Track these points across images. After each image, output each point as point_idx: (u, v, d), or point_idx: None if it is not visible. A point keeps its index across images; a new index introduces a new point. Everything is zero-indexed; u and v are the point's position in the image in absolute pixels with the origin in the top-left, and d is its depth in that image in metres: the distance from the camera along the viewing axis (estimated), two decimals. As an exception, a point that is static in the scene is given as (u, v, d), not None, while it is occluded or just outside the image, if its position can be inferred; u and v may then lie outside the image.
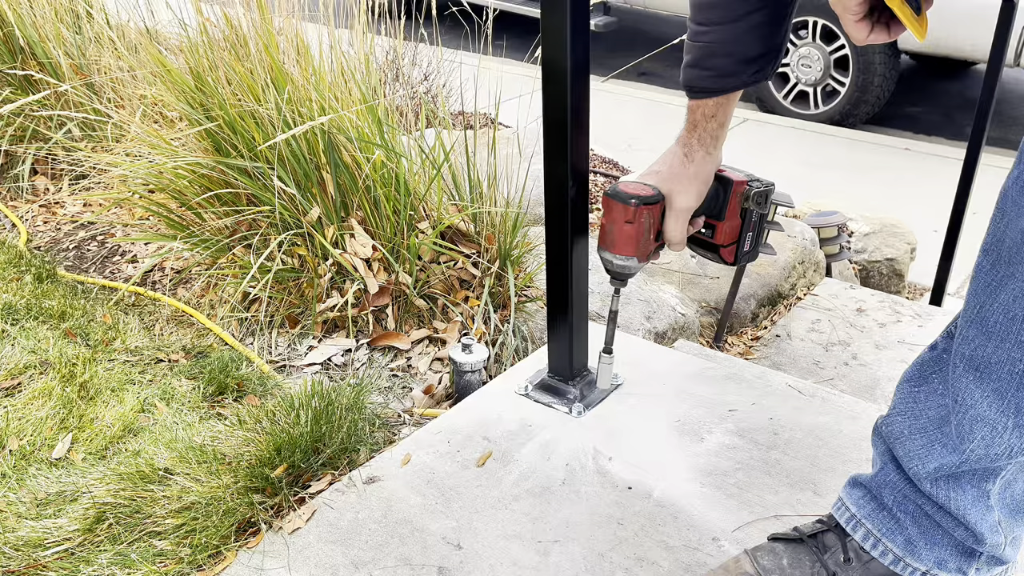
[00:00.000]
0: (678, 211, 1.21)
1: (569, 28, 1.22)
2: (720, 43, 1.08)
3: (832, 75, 4.80)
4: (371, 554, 1.21)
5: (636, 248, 1.24)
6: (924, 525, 0.97)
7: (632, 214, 1.21)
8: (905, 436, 0.98)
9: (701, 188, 1.21)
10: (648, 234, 1.24)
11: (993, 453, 0.88)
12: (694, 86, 1.13)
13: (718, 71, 1.10)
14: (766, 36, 1.07)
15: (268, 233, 2.04)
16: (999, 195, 0.82)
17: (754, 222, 1.30)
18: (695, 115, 1.17)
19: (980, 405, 0.87)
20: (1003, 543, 0.95)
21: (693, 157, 1.19)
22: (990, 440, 0.87)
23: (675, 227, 1.23)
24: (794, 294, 2.66)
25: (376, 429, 1.62)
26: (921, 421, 0.96)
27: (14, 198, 2.79)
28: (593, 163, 3.77)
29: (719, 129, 1.17)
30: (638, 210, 1.20)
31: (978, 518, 0.93)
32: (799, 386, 1.60)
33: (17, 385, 1.75)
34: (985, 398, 0.86)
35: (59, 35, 2.82)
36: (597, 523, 1.25)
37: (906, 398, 0.99)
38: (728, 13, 1.05)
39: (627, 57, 4.28)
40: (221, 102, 2.00)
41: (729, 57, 1.08)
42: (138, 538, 1.28)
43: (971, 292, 0.87)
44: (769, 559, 1.06)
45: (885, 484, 1.00)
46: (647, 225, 1.22)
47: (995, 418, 0.86)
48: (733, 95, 1.14)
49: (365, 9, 2.18)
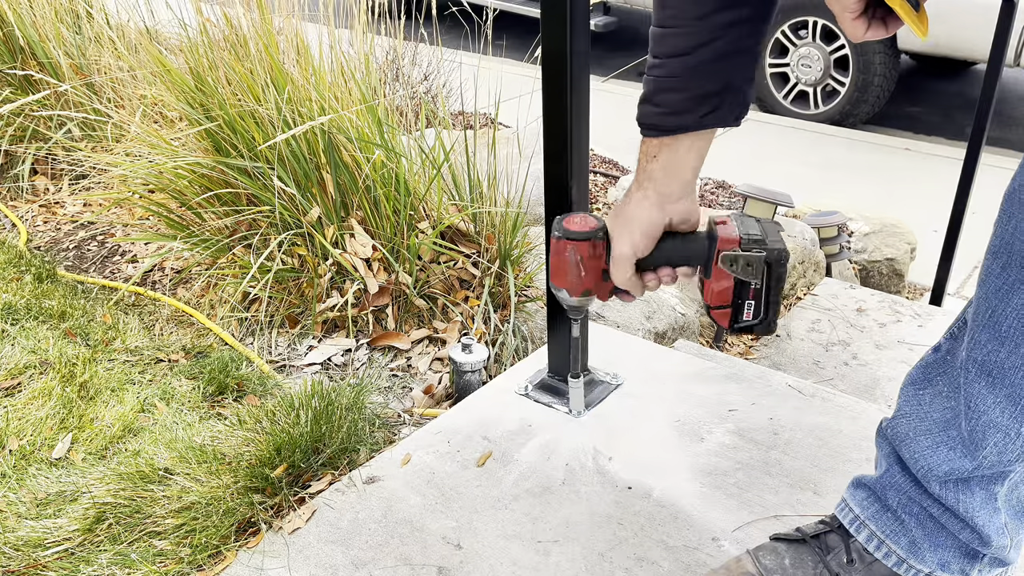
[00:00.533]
0: (615, 256, 1.09)
1: (569, 27, 1.22)
2: (671, 77, 0.98)
3: (832, 75, 4.80)
4: (371, 554, 1.21)
5: (566, 281, 1.15)
6: (929, 527, 0.97)
7: (557, 246, 1.13)
8: (911, 438, 0.98)
9: (638, 236, 1.06)
10: (578, 269, 1.13)
11: (1006, 459, 0.88)
12: (642, 122, 1.02)
13: (668, 107, 0.99)
14: (723, 71, 0.97)
15: (268, 233, 2.04)
16: (1004, 197, 0.81)
17: (755, 290, 1.08)
18: (639, 153, 1.05)
19: (993, 411, 0.87)
20: (1009, 545, 0.95)
21: (630, 198, 1.06)
22: (1003, 446, 0.87)
23: (615, 272, 1.10)
24: (794, 294, 2.66)
25: (376, 429, 1.62)
26: (927, 423, 0.96)
27: (14, 198, 2.79)
28: (593, 163, 3.77)
29: (664, 175, 1.02)
30: (559, 243, 1.12)
31: (986, 520, 0.93)
32: (799, 386, 1.60)
33: (17, 385, 1.75)
34: (998, 404, 0.86)
35: (59, 35, 2.82)
36: (597, 523, 1.25)
37: (911, 401, 0.99)
38: (680, 44, 0.96)
39: (627, 57, 4.27)
40: (221, 102, 2.00)
41: (679, 92, 0.98)
42: (138, 538, 1.28)
43: (981, 297, 0.86)
44: (771, 559, 1.06)
45: (890, 486, 1.00)
46: (573, 260, 1.12)
47: (1008, 423, 0.86)
48: (682, 140, 1.00)
49: (365, 9, 2.18)
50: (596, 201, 3.43)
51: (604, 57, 5.62)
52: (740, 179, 3.55)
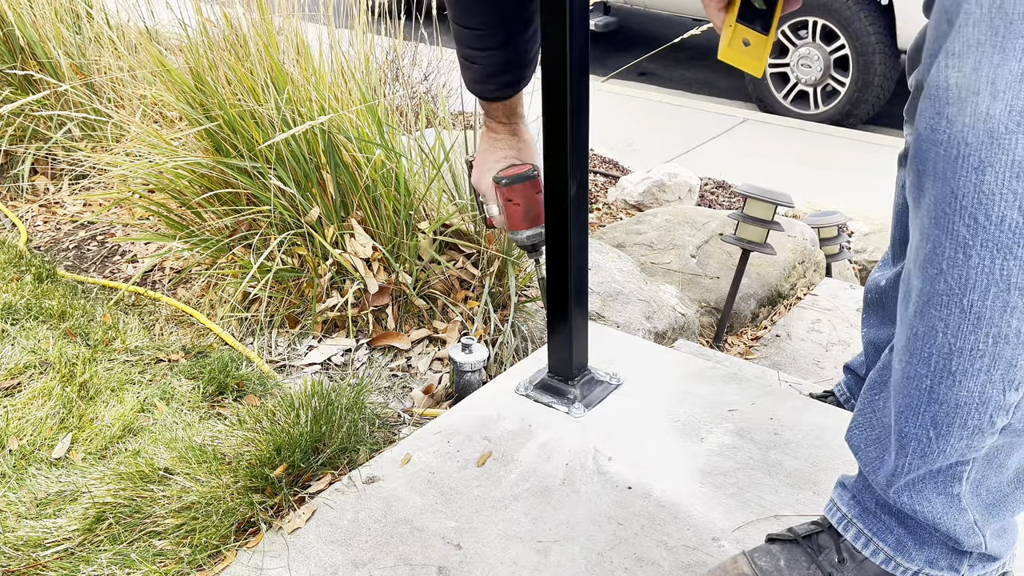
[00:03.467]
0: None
1: (569, 27, 1.22)
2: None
3: (832, 75, 4.80)
4: (371, 554, 1.21)
5: (528, 219, 1.49)
6: (910, 525, 0.97)
7: (519, 190, 1.46)
8: (862, 449, 1.00)
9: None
10: (536, 203, 1.49)
11: (930, 460, 0.89)
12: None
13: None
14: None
15: (268, 233, 2.04)
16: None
17: None
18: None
19: (901, 420, 0.90)
20: (983, 542, 0.95)
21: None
22: (922, 452, 0.89)
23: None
24: (794, 294, 2.66)
25: (376, 429, 1.62)
26: (876, 431, 0.98)
27: (14, 198, 2.79)
28: (593, 163, 3.77)
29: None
30: (523, 186, 1.48)
31: (951, 523, 0.93)
32: (799, 386, 1.60)
33: (17, 385, 1.75)
34: (902, 413, 0.89)
35: (59, 35, 2.82)
36: (597, 523, 1.25)
37: (865, 408, 1.01)
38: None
39: (627, 57, 4.28)
40: (221, 102, 2.00)
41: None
42: (138, 538, 1.28)
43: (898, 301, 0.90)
44: (766, 560, 1.06)
45: (864, 489, 1.01)
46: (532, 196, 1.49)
47: (918, 432, 0.88)
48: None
49: (365, 9, 2.18)
50: (596, 201, 3.44)
51: (604, 57, 5.63)
52: (740, 179, 3.55)
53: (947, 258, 0.79)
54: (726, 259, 2.56)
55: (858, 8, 4.59)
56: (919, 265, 0.82)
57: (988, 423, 0.84)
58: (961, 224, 0.76)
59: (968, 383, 0.82)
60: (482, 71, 1.35)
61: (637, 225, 2.77)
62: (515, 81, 1.37)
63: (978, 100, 0.72)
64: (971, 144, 0.73)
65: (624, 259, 2.33)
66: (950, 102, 0.74)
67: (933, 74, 0.76)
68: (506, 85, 1.37)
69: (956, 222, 0.77)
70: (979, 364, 0.81)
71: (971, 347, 0.80)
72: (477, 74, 1.36)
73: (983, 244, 0.76)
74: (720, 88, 5.57)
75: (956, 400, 0.83)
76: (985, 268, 0.77)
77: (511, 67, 1.34)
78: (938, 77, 0.75)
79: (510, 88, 1.38)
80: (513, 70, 1.35)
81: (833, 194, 3.68)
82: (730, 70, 5.72)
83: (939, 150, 0.76)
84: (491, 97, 1.39)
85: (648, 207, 3.30)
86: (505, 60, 1.33)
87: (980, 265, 0.77)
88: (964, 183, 0.75)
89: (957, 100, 0.74)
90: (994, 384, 0.81)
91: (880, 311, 1.44)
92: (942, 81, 0.75)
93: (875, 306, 1.46)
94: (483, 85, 1.37)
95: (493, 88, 1.37)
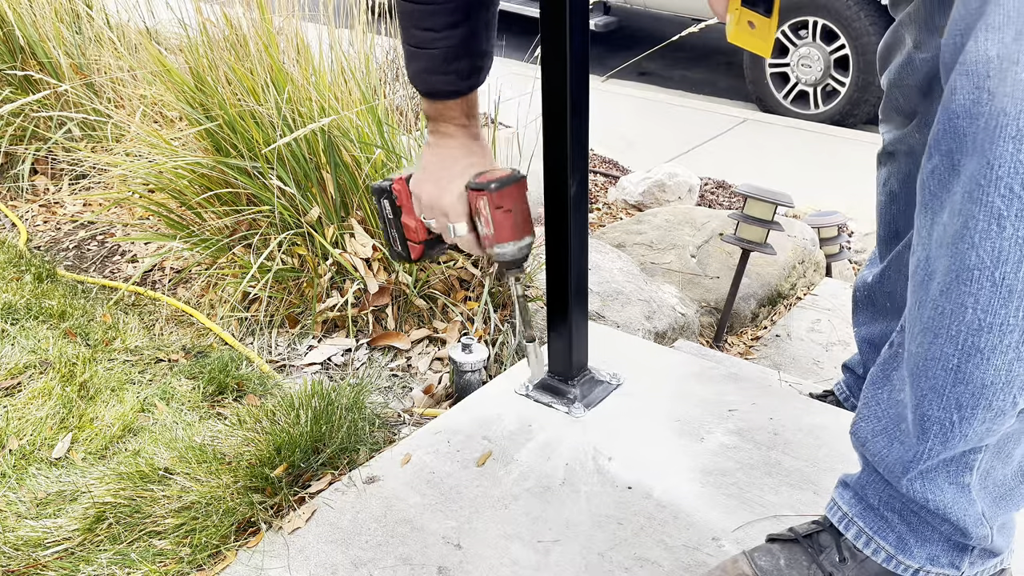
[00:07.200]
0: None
1: (568, 26, 1.22)
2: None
3: (832, 75, 4.80)
4: (371, 554, 1.21)
5: (522, 230, 1.29)
6: (912, 522, 0.97)
7: (501, 195, 1.26)
8: (870, 440, 0.99)
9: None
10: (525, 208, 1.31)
11: (951, 446, 0.89)
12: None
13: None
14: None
15: (268, 233, 2.04)
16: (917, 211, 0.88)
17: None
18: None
19: (923, 404, 0.89)
20: (990, 534, 0.95)
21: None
22: (944, 437, 0.89)
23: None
24: (794, 294, 2.66)
25: (376, 429, 1.62)
26: (883, 422, 0.97)
27: (14, 198, 2.79)
28: (593, 163, 3.77)
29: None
30: (510, 190, 1.27)
31: (961, 513, 0.93)
32: (799, 386, 1.60)
33: (17, 385, 1.75)
34: (924, 396, 0.88)
35: (59, 35, 2.82)
36: (597, 523, 1.25)
37: (870, 402, 1.00)
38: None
39: (627, 57, 4.28)
40: (221, 102, 2.00)
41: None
42: (138, 538, 1.28)
43: (909, 288, 0.90)
44: (766, 560, 1.06)
45: (868, 484, 1.01)
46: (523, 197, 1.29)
47: (941, 416, 0.87)
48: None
49: (365, 9, 2.18)
50: (596, 201, 3.44)
51: (604, 57, 5.62)
52: (740, 179, 3.55)
53: (980, 231, 0.78)
54: (726, 259, 2.56)
55: (858, 8, 4.59)
56: (947, 243, 0.81)
57: (1011, 404, 0.84)
58: (996, 195, 0.76)
59: (996, 360, 0.82)
60: (439, 56, 1.18)
61: (637, 225, 2.77)
62: (477, 69, 1.21)
63: (1018, 69, 0.72)
64: (1010, 114, 0.73)
65: (624, 259, 2.33)
66: (991, 75, 0.74)
67: (971, 49, 0.76)
68: (468, 74, 1.21)
69: (991, 193, 0.76)
70: (1008, 340, 0.80)
71: (1001, 322, 0.80)
72: (432, 62, 1.19)
73: (1018, 214, 0.75)
74: (720, 88, 5.57)
75: (983, 379, 0.83)
76: (1019, 239, 0.76)
77: (472, 51, 1.19)
78: (977, 52, 0.75)
79: (472, 78, 1.21)
80: (474, 55, 1.19)
81: (833, 194, 3.67)
82: (730, 70, 5.73)
83: (979, 123, 0.76)
84: (451, 90, 1.22)
85: (648, 207, 3.31)
86: (464, 40, 1.17)
87: (1014, 236, 0.76)
88: (1001, 152, 0.74)
89: (999, 72, 0.73)
90: (1021, 361, 0.81)
91: (870, 308, 1.45)
92: (982, 55, 0.75)
93: (865, 304, 1.46)
94: (440, 76, 1.20)
95: (453, 78, 1.20)
